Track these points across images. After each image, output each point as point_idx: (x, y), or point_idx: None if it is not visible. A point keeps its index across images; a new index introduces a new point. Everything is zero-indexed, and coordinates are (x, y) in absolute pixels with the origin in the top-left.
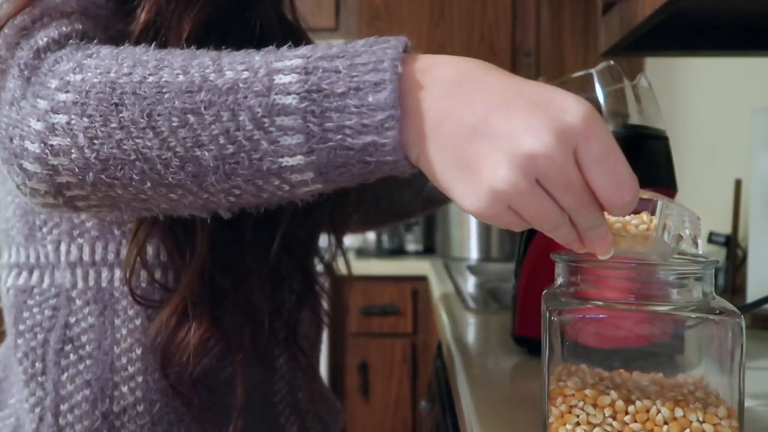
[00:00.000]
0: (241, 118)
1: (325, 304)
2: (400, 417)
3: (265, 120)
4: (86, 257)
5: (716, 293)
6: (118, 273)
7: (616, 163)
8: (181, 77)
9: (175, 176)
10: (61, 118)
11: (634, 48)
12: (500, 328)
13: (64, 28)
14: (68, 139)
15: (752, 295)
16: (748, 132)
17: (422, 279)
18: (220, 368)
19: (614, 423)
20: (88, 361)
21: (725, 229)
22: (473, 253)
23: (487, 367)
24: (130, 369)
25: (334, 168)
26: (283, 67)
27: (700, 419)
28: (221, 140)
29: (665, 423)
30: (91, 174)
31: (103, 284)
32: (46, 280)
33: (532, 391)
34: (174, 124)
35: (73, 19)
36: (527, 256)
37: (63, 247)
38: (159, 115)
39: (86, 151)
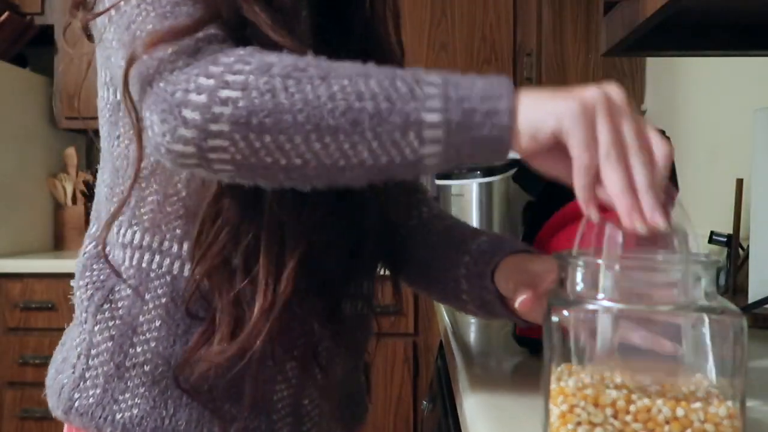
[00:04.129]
0: (398, 83)
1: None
2: (401, 417)
3: (415, 86)
4: (136, 241)
5: (718, 293)
6: (156, 258)
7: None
8: (348, 65)
9: (334, 120)
10: (237, 78)
11: (636, 48)
12: (501, 328)
13: (213, 31)
14: (239, 92)
15: (754, 294)
16: (750, 132)
17: None
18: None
19: (615, 422)
20: (117, 321)
21: (727, 228)
22: None
23: (488, 367)
24: (147, 335)
25: (457, 131)
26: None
27: (702, 419)
28: (379, 96)
29: (666, 422)
30: (255, 119)
31: (143, 265)
32: (110, 254)
33: (533, 390)
34: (344, 83)
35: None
36: None
37: (122, 231)
38: (333, 78)
39: (256, 101)
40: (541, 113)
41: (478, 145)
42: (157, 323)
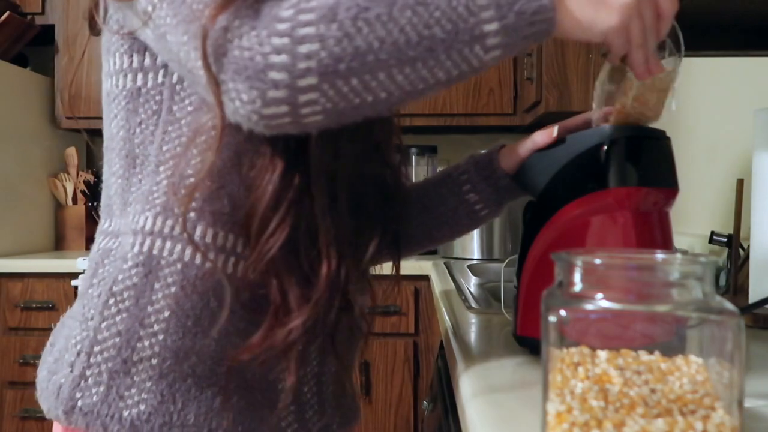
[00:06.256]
0: (454, 4)
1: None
2: (401, 417)
3: (471, 3)
4: (147, 227)
5: (719, 293)
6: (168, 245)
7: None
8: None
9: (414, 51)
10: (308, 30)
11: None
12: (502, 328)
13: None
14: (317, 44)
15: (754, 295)
16: (750, 132)
17: (424, 279)
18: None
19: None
20: (124, 314)
21: (727, 229)
22: (475, 253)
23: (488, 367)
24: (155, 327)
25: (513, 31)
26: None
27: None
28: (443, 21)
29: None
30: (342, 65)
31: (154, 252)
32: (120, 244)
33: (533, 390)
34: (408, 14)
35: None
36: (529, 256)
37: (135, 217)
38: (398, 9)
39: (336, 49)
40: (591, 21)
41: (529, 40)
42: (166, 314)
